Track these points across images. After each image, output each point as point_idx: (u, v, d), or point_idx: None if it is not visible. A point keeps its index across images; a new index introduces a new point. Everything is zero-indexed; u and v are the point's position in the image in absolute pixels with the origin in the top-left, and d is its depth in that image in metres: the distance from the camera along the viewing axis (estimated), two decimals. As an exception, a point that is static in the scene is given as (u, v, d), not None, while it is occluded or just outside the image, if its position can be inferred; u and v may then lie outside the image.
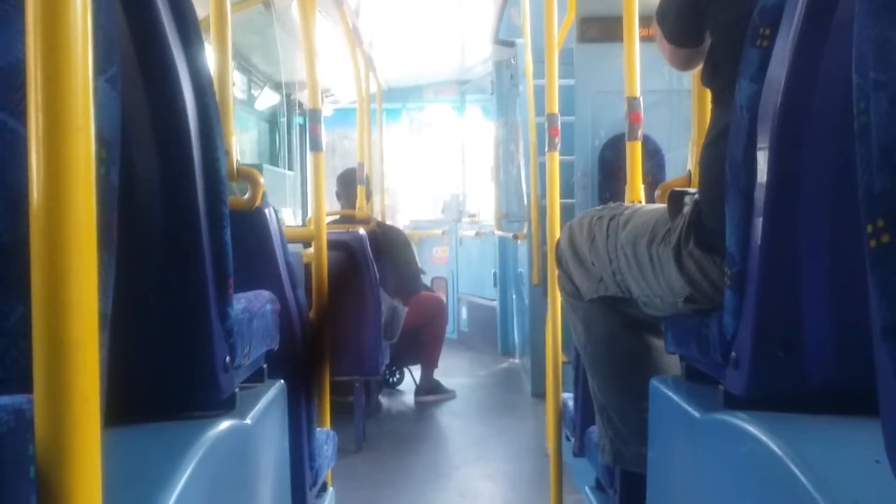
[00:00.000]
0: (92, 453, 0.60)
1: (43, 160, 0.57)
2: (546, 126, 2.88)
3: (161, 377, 1.13)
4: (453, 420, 4.88)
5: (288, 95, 7.48)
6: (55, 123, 0.58)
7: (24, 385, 0.61)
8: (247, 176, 1.93)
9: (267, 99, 7.14)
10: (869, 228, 0.64)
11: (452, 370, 6.00)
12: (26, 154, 0.58)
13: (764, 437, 0.99)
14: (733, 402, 1.17)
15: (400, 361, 5.41)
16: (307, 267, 2.79)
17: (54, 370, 0.57)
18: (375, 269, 4.18)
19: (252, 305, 1.45)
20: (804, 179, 1.05)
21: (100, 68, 0.72)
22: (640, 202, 2.37)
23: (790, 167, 1.05)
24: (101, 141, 0.71)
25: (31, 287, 0.58)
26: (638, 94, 2.41)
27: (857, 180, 0.66)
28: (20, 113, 0.72)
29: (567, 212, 3.86)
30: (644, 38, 2.38)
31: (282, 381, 1.60)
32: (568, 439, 2.66)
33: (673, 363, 1.71)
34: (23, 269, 0.60)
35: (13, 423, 0.56)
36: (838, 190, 1.02)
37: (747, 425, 1.06)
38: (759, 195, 1.10)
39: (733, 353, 1.18)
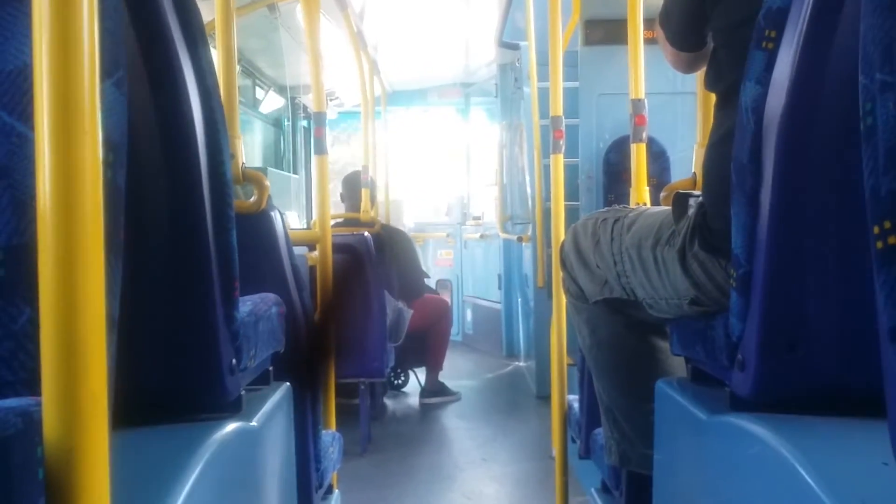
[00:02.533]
0: (100, 455, 0.60)
1: (50, 163, 0.57)
2: (550, 128, 2.88)
3: (167, 380, 1.14)
4: (458, 422, 4.87)
5: (293, 99, 7.50)
6: (62, 127, 0.58)
7: (32, 388, 0.61)
8: (252, 179, 1.93)
9: (272, 102, 7.14)
10: (875, 230, 0.64)
11: (457, 372, 6.01)
12: (34, 157, 0.58)
13: (771, 439, 0.99)
14: (740, 404, 1.17)
15: (405, 364, 5.41)
16: (312, 269, 2.80)
17: (62, 372, 0.58)
18: (380, 271, 4.18)
19: (258, 308, 1.46)
20: (810, 181, 1.05)
21: (107, 72, 0.72)
22: (646, 204, 2.37)
23: (796, 169, 1.05)
24: (108, 144, 0.71)
25: (38, 290, 0.58)
26: (642, 95, 2.41)
27: (863, 182, 0.66)
28: (28, 117, 0.72)
29: (572, 214, 3.85)
30: (648, 41, 2.38)
31: (287, 383, 1.60)
32: (573, 441, 2.66)
33: (678, 365, 1.71)
34: (31, 271, 0.60)
35: (21, 425, 0.57)
36: (844, 191, 1.02)
37: (754, 427, 1.05)
38: (765, 197, 1.09)
39: (739, 355, 1.18)
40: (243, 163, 1.96)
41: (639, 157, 2.42)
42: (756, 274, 1.13)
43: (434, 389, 5.30)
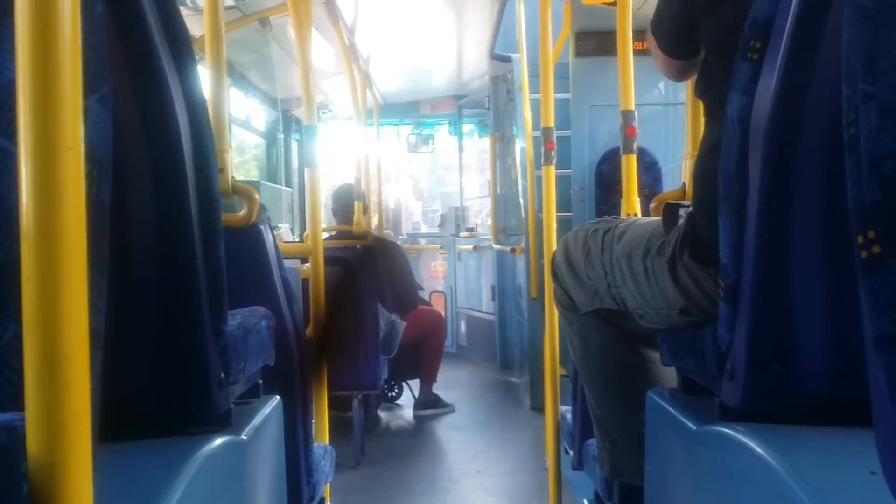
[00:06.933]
0: (84, 470, 0.60)
1: (33, 179, 0.57)
2: (542, 140, 2.89)
3: (155, 393, 1.13)
4: (452, 434, 4.87)
5: (285, 112, 7.50)
6: (45, 142, 0.58)
7: (17, 403, 0.61)
8: (242, 192, 1.93)
9: (264, 116, 7.14)
10: (860, 240, 0.65)
11: (451, 384, 6.00)
12: (17, 173, 0.58)
13: (760, 449, 0.99)
14: (729, 414, 1.17)
15: (399, 376, 5.41)
16: (305, 282, 2.79)
17: (46, 387, 0.57)
18: (373, 283, 4.18)
19: (247, 321, 1.46)
20: (796, 191, 1.05)
21: (91, 87, 0.72)
22: (637, 215, 2.37)
23: (782, 179, 1.05)
24: (93, 159, 0.71)
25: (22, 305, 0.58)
26: (633, 107, 2.42)
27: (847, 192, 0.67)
28: (12, 132, 0.72)
29: (564, 225, 3.86)
30: (639, 52, 2.39)
31: (277, 396, 1.60)
32: (567, 452, 2.66)
33: (669, 375, 1.70)
34: (15, 287, 0.60)
35: (5, 440, 0.56)
36: (830, 202, 1.03)
37: (743, 437, 1.05)
38: (752, 207, 1.10)
39: (728, 365, 1.18)
40: (233, 176, 1.96)
41: (629, 168, 2.42)
42: (744, 284, 1.13)
43: (428, 401, 5.29)
